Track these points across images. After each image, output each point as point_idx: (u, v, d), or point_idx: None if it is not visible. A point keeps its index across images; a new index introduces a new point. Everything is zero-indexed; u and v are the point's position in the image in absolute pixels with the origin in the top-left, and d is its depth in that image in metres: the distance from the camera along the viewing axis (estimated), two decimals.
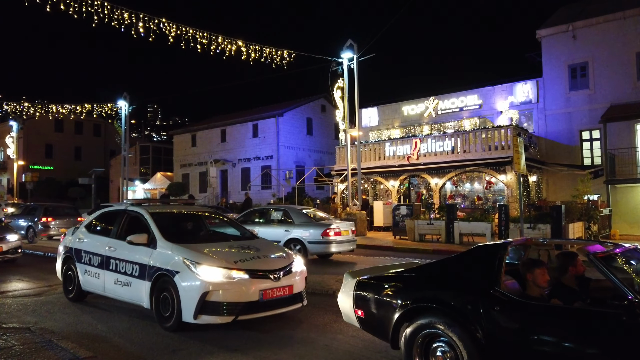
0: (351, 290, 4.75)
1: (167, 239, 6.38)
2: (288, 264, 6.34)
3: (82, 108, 29.69)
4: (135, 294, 6.46)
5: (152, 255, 6.30)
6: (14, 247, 11.84)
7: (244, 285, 5.76)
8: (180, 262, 5.89)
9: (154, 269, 6.14)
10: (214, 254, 6.11)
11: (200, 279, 5.66)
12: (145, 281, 6.23)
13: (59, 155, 50.71)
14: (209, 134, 36.75)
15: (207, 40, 16.87)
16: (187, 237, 7.04)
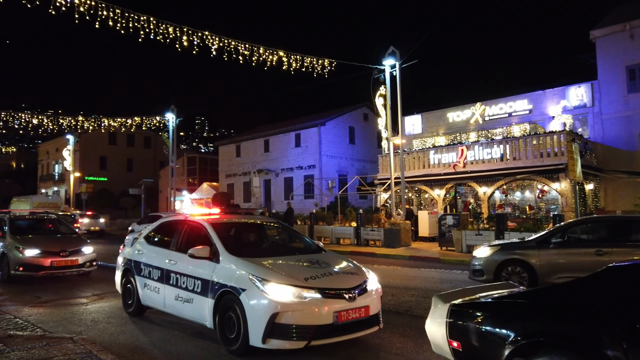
0: (443, 317, 4.02)
1: (231, 252, 5.88)
2: (362, 282, 5.64)
3: (132, 121, 30.89)
4: (198, 312, 5.95)
5: (215, 269, 5.79)
6: (90, 260, 11.40)
7: (316, 306, 5.12)
8: (246, 278, 5.36)
9: (218, 285, 5.63)
10: (281, 270, 5.53)
11: (269, 298, 5.08)
12: (208, 298, 5.72)
13: (112, 167, 52.98)
14: (253, 145, 37.26)
15: (249, 51, 17.05)
16: (251, 249, 6.60)
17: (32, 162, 65.84)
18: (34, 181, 60.30)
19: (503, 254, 9.12)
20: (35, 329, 6.68)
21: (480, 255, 9.50)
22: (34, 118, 29.49)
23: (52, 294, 9.51)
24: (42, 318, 7.47)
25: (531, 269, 8.64)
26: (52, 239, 11.58)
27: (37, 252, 10.65)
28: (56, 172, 55.46)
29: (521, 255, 8.86)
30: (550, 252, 8.58)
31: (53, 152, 55.60)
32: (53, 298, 9.09)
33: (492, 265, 9.13)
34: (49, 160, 57.49)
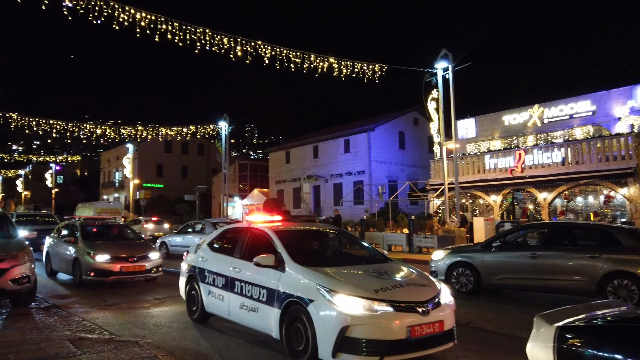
0: (549, 341, 3.56)
1: (296, 260, 5.75)
2: (435, 295, 5.37)
3: (187, 130, 31.96)
4: (263, 322, 5.85)
5: (280, 278, 5.66)
6: (156, 266, 11.43)
7: (388, 320, 4.87)
8: (313, 288, 5.20)
9: (284, 295, 5.50)
10: (349, 281, 5.34)
11: (338, 310, 4.88)
12: (274, 308, 5.61)
13: (168, 174, 55.04)
14: (302, 151, 37.56)
15: (300, 59, 17.21)
16: (315, 258, 6.45)
17: (95, 169, 69.54)
18: (96, 188, 63.64)
19: (453, 257, 10.05)
20: (103, 331, 6.94)
21: (436, 258, 10.40)
22: (98, 128, 31.16)
23: (116, 297, 9.88)
24: (108, 321, 7.77)
25: (476, 270, 9.56)
26: (120, 245, 11.79)
27: (107, 258, 10.80)
28: (116, 179, 58.29)
29: (467, 258, 9.76)
30: (492, 255, 9.50)
31: (114, 160, 58.50)
32: (117, 302, 9.44)
33: (443, 267, 10.07)
34: (110, 168, 60.51)
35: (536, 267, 8.77)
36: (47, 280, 12.05)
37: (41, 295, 9.57)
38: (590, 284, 8.20)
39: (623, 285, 7.96)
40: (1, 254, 8.01)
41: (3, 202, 74.37)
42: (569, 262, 8.55)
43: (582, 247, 8.78)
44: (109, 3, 12.24)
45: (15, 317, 7.85)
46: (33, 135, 31.11)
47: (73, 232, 12.06)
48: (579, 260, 8.44)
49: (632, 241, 8.31)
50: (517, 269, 9.04)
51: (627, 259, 8.05)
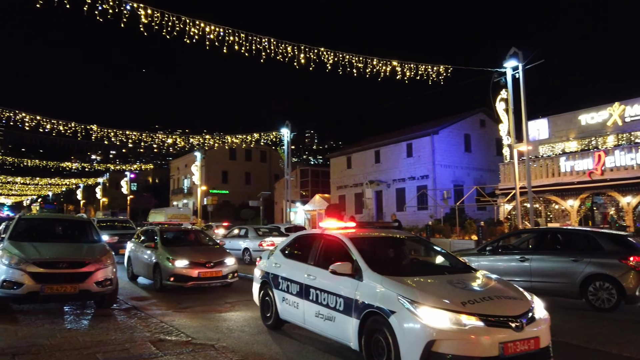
0: None
1: (374, 269, 5.52)
2: (529, 309, 4.99)
3: (251, 137, 32.82)
4: (340, 331, 5.68)
5: (358, 287, 5.45)
6: (232, 271, 11.45)
7: (478, 335, 4.56)
8: (394, 299, 4.96)
9: (362, 304, 5.29)
10: (433, 292, 5.07)
11: (423, 323, 4.63)
12: (352, 318, 5.42)
13: (232, 181, 56.84)
14: (363, 156, 37.36)
15: (363, 64, 17.12)
16: (393, 267, 6.23)
17: (165, 177, 73.15)
18: (166, 194, 66.89)
19: None
20: (180, 334, 7.17)
21: None
22: (169, 138, 32.76)
23: (189, 301, 10.21)
24: (184, 324, 8.03)
25: None
26: (198, 250, 11.93)
27: (186, 263, 10.87)
28: (185, 186, 60.95)
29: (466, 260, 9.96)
30: (486, 258, 10.17)
31: (182, 168, 61.25)
32: (191, 305, 9.76)
33: None
34: (179, 176, 63.41)
35: (525, 270, 9.50)
36: (127, 283, 12.59)
37: (121, 297, 10.07)
38: (572, 286, 8.79)
39: (603, 288, 8.43)
40: (87, 258, 8.51)
41: (84, 209, 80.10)
42: (554, 265, 9.17)
43: (567, 251, 9.38)
44: (181, 18, 12.82)
45: (100, 317, 8.32)
46: (110, 146, 33.22)
47: (153, 237, 12.33)
48: (563, 264, 9.03)
49: (613, 246, 8.80)
50: (508, 271, 9.58)
51: (606, 263, 8.53)
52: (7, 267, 7.82)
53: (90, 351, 5.59)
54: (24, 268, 7.80)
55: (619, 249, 8.70)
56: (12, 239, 8.89)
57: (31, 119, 24.73)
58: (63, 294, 8.10)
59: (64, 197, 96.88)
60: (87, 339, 6.26)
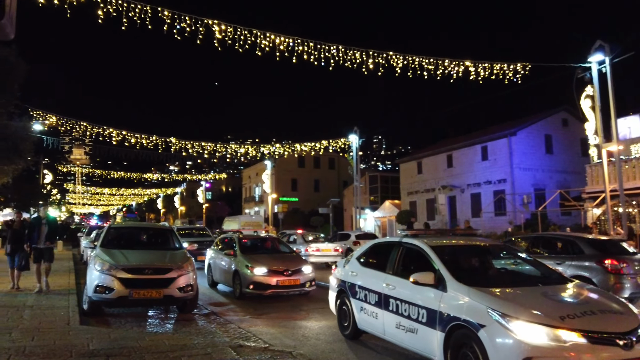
0: None
1: (458, 279, 5.28)
2: (638, 325, 4.56)
3: (320, 144, 33.10)
4: (423, 344, 5.46)
5: (442, 299, 5.22)
6: (310, 280, 11.32)
7: (580, 353, 4.20)
8: (483, 312, 4.67)
9: (447, 317, 5.05)
10: (527, 304, 4.70)
11: (517, 338, 4.32)
12: (436, 330, 5.18)
13: (301, 188, 57.67)
14: (435, 160, 36.37)
15: (433, 65, 16.67)
16: (480, 277, 5.96)
17: (237, 186, 75.73)
18: (239, 202, 69.19)
19: None
20: (258, 340, 7.27)
21: None
22: (241, 147, 33.88)
23: (265, 307, 10.35)
24: (260, 330, 8.13)
25: None
26: (275, 258, 11.92)
27: (265, 271, 10.86)
28: (256, 194, 62.72)
29: None
30: None
31: (253, 176, 63.12)
32: (267, 311, 9.89)
33: None
34: (251, 184, 65.39)
35: None
36: (206, 289, 12.89)
37: (201, 302, 10.42)
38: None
39: None
40: (170, 264, 8.90)
41: (164, 217, 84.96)
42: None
43: (553, 255, 10.10)
44: (252, 32, 13.21)
45: (182, 322, 8.65)
46: (187, 157, 35.00)
47: (231, 245, 12.55)
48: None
49: (592, 250, 9.45)
50: None
51: (584, 265, 9.28)
52: (99, 273, 8.36)
53: (175, 354, 5.78)
54: (114, 274, 8.29)
55: (598, 253, 9.32)
56: (103, 246, 9.51)
57: (117, 133, 26.64)
58: (149, 299, 8.52)
59: (145, 206, 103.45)
60: (172, 342, 6.50)
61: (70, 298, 9.78)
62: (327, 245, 20.44)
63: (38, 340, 6.25)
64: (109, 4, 11.23)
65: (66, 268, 16.02)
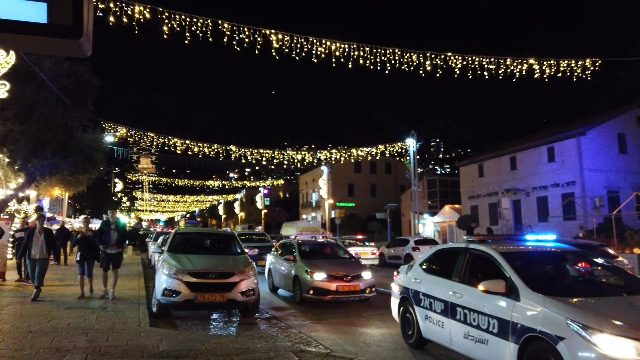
0: None
1: (532, 288, 4.97)
2: None
3: (376, 149, 32.88)
4: (495, 356, 5.21)
5: (514, 308, 4.94)
6: (370, 285, 11.13)
7: None
8: (562, 323, 4.39)
9: (521, 327, 4.78)
10: (613, 316, 4.38)
11: (602, 353, 4.03)
12: (509, 342, 4.91)
13: (358, 193, 57.49)
14: (497, 163, 35.03)
15: (495, 65, 16.09)
16: (555, 286, 5.60)
17: (295, 192, 76.77)
18: (296, 208, 70.06)
19: None
20: (319, 345, 7.28)
21: None
22: (298, 154, 34.34)
23: (325, 313, 10.36)
24: (321, 335, 8.14)
25: None
26: (334, 263, 11.85)
27: (324, 277, 10.81)
28: (313, 199, 63.25)
29: None
30: None
31: (310, 182, 63.72)
32: (326, 317, 9.89)
33: None
34: (307, 190, 66.05)
35: None
36: (267, 294, 13.09)
37: (262, 307, 10.59)
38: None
39: None
40: (233, 269, 9.13)
41: (225, 223, 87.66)
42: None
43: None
44: (308, 39, 13.38)
45: (245, 325, 8.84)
46: (246, 164, 35.98)
47: (291, 250, 12.66)
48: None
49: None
50: None
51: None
52: (167, 276, 8.72)
53: (240, 358, 5.91)
54: (181, 278, 8.61)
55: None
56: (170, 251, 9.92)
57: (182, 143, 27.86)
58: (213, 302, 8.77)
59: (207, 212, 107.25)
60: (236, 345, 6.65)
61: (140, 301, 10.27)
62: (365, 249, 21.78)
63: (112, 340, 6.61)
64: (173, 20, 11.81)
65: (135, 272, 16.89)
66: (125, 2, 11.26)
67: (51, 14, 2.49)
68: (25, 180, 16.79)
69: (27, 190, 18.88)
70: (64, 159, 16.20)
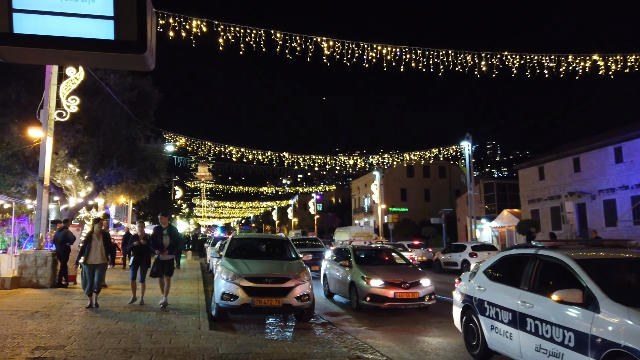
0: None
1: (614, 298, 4.59)
2: None
3: (429, 153, 32.27)
4: None
5: (593, 320, 4.60)
6: (429, 293, 10.74)
7: None
8: None
9: (602, 342, 4.43)
10: None
11: None
12: (588, 357, 4.60)
13: (411, 198, 56.64)
14: (558, 165, 33.35)
15: (555, 63, 15.37)
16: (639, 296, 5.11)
17: (347, 197, 76.81)
18: (349, 213, 70.02)
19: None
20: (375, 352, 7.17)
21: None
22: (350, 159, 34.33)
23: (380, 319, 10.22)
24: (377, 342, 8.04)
25: None
26: (391, 270, 11.61)
27: (381, 283, 10.57)
28: (365, 205, 62.94)
29: None
30: None
31: (362, 187, 63.48)
32: (382, 324, 9.75)
33: None
34: (360, 195, 65.83)
35: None
36: (321, 299, 13.01)
37: (317, 312, 10.62)
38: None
39: None
40: (288, 274, 9.22)
41: (279, 229, 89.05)
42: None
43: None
44: (359, 44, 13.38)
45: (300, 330, 8.88)
46: (298, 170, 36.43)
47: (346, 256, 12.51)
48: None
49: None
50: None
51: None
52: (225, 281, 8.94)
53: None
54: (238, 282, 8.80)
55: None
56: (228, 256, 10.17)
57: (237, 151, 28.66)
58: (269, 307, 8.89)
59: (262, 218, 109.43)
60: (293, 350, 6.70)
61: (200, 304, 10.60)
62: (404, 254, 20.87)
63: (174, 342, 6.85)
64: (228, 32, 12.20)
65: (195, 276, 17.48)
66: (183, 17, 11.77)
67: (117, 31, 2.63)
68: (93, 189, 17.85)
69: (96, 199, 20.05)
70: (129, 168, 17.09)
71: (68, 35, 2.60)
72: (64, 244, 12.68)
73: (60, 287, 12.60)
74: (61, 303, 10.06)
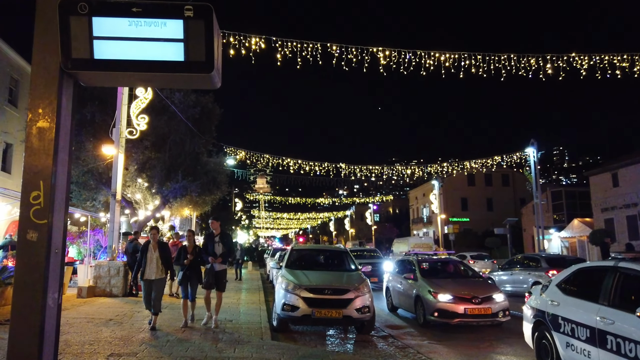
0: None
1: None
2: None
3: (491, 161, 31.14)
4: None
5: None
6: (503, 309, 10.04)
7: None
8: None
9: None
10: None
11: None
12: None
13: (472, 207, 54.76)
14: (635, 170, 31.08)
15: (629, 62, 14.40)
16: None
17: (404, 207, 75.57)
18: (407, 224, 68.80)
19: None
20: None
21: None
22: (407, 169, 33.82)
23: (444, 333, 9.90)
24: (440, 357, 7.80)
25: None
26: (460, 283, 11.08)
27: (450, 298, 10.01)
28: (424, 215, 61.59)
29: None
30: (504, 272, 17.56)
31: (420, 197, 62.24)
32: (445, 338, 9.45)
33: None
34: (418, 205, 64.56)
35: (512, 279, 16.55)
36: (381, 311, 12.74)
37: (378, 324, 10.45)
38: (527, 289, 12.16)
39: None
40: (347, 285, 9.16)
41: (336, 240, 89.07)
42: (520, 277, 16.10)
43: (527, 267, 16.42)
44: (416, 53, 13.23)
45: (361, 343, 8.79)
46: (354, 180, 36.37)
47: (410, 268, 12.08)
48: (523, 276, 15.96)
49: (546, 264, 15.31)
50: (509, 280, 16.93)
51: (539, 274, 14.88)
52: (285, 291, 9.02)
53: None
54: (299, 293, 8.85)
55: (548, 266, 14.91)
56: (288, 267, 10.27)
57: (294, 162, 29.09)
58: (329, 318, 8.86)
59: (319, 229, 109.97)
60: None
61: (262, 315, 10.77)
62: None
63: (238, 352, 6.98)
64: (286, 47, 12.48)
65: (256, 287, 17.82)
66: (243, 35, 12.19)
67: (187, 52, 2.77)
68: (160, 202, 18.74)
69: (162, 211, 21.03)
70: (192, 182, 17.82)
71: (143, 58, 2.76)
72: (135, 255, 13.34)
73: (131, 296, 13.24)
74: (132, 312, 10.56)
